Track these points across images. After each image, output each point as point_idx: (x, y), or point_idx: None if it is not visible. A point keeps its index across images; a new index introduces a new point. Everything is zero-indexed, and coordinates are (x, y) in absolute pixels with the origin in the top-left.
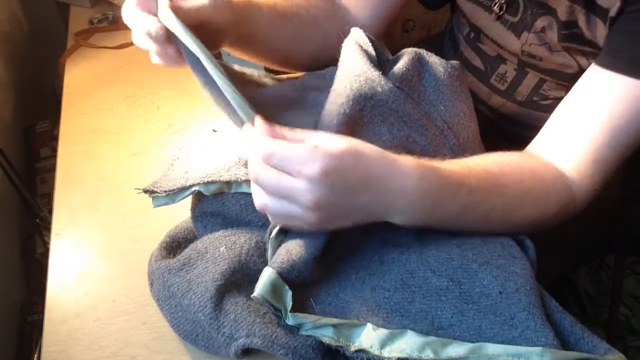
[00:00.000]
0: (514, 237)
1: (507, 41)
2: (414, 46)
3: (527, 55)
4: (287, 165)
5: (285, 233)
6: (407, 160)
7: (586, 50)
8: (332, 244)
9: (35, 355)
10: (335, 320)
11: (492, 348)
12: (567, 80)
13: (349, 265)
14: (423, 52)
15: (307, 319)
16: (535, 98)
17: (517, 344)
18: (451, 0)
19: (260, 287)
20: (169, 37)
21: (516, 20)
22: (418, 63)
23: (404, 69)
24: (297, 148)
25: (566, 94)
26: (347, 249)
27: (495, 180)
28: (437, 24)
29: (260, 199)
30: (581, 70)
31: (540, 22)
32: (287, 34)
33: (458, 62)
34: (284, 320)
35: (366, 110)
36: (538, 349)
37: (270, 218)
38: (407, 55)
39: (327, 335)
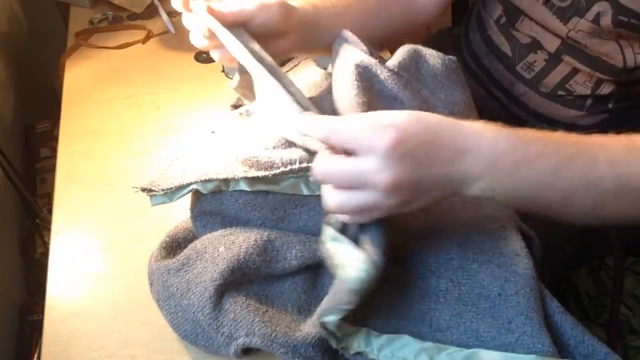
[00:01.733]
0: (523, 231)
1: (551, 25)
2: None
3: (572, 40)
4: (352, 138)
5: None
6: (476, 122)
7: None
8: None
9: (35, 355)
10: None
11: (486, 355)
12: (604, 72)
13: None
14: (419, 46)
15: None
16: (560, 92)
17: (513, 349)
18: (452, 0)
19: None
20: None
21: (565, 5)
22: (415, 55)
23: (401, 59)
24: (357, 121)
25: (592, 91)
26: None
27: (596, 139)
28: (437, 24)
29: (334, 199)
30: (624, 66)
31: (596, 7)
32: (352, 22)
33: (454, 57)
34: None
35: (373, 99)
36: (531, 357)
37: (348, 219)
38: (403, 49)
39: (333, 337)
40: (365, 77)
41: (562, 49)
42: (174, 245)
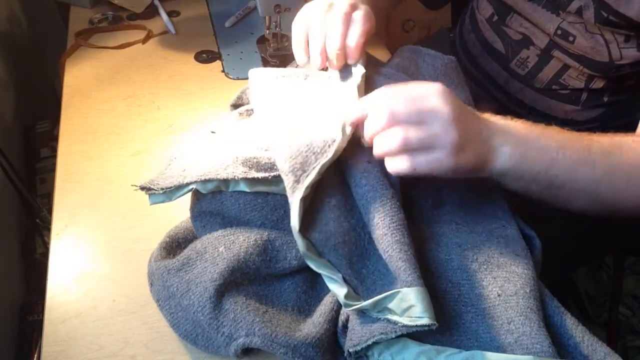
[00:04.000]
0: (523, 232)
1: (541, 19)
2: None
3: (559, 36)
4: (411, 94)
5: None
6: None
7: (622, 32)
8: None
9: (35, 355)
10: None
11: (484, 357)
12: (592, 68)
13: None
14: (419, 46)
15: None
16: (554, 86)
17: (512, 350)
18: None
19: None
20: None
21: None
22: (414, 55)
23: (399, 60)
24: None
25: (586, 85)
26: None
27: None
28: (437, 24)
29: (399, 134)
30: (610, 60)
31: (576, 3)
32: None
33: (453, 56)
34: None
35: None
36: (529, 357)
37: (408, 156)
38: (402, 51)
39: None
40: (368, 79)
41: (551, 45)
42: (174, 245)
